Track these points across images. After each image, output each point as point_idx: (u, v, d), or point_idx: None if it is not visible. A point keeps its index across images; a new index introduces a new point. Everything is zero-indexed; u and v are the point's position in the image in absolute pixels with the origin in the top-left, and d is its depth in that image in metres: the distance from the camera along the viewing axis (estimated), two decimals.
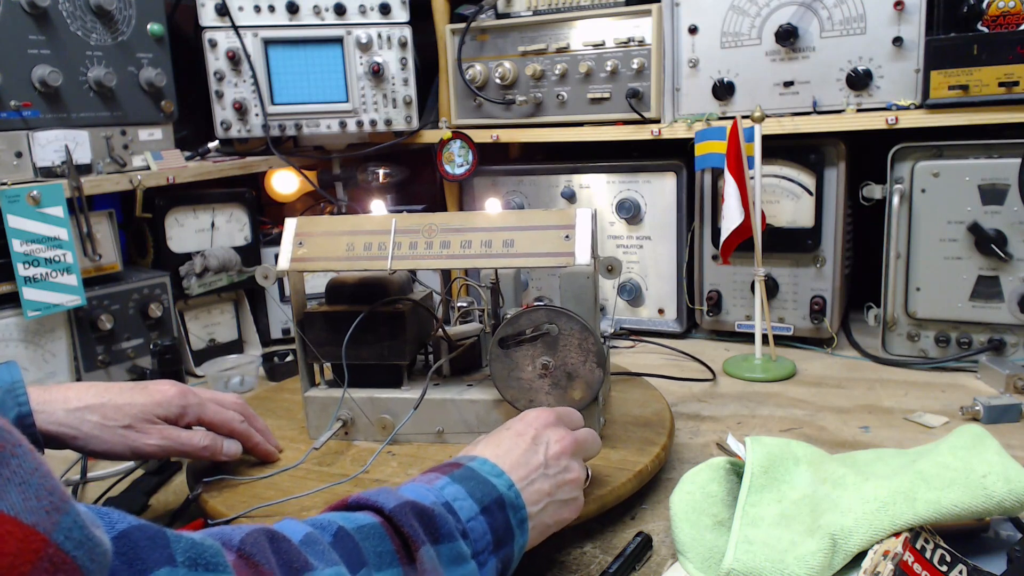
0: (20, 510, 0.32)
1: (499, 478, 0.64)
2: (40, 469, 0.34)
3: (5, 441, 0.33)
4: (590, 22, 1.38)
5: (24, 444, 0.34)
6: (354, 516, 0.56)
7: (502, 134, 1.49)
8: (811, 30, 1.23)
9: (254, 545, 0.47)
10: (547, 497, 0.67)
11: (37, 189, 1.08)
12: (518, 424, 0.72)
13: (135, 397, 0.78)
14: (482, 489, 0.62)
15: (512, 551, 0.62)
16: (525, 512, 0.64)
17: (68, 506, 0.34)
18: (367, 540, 0.54)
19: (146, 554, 0.40)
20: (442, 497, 0.60)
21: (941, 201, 1.17)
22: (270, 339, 1.49)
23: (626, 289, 1.45)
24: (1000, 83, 1.09)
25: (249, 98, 1.45)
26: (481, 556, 0.59)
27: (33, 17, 1.16)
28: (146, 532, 0.41)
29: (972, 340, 1.19)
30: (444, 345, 0.97)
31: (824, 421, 1.04)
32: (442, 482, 0.62)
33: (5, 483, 0.32)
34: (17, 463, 0.33)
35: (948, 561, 0.62)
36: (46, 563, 0.32)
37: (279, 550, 0.49)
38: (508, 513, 0.62)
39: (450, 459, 0.68)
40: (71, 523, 0.34)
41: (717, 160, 1.20)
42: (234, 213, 1.42)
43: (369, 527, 0.55)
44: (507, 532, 0.62)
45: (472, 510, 0.60)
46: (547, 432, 0.71)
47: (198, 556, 0.42)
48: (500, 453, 0.67)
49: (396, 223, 0.88)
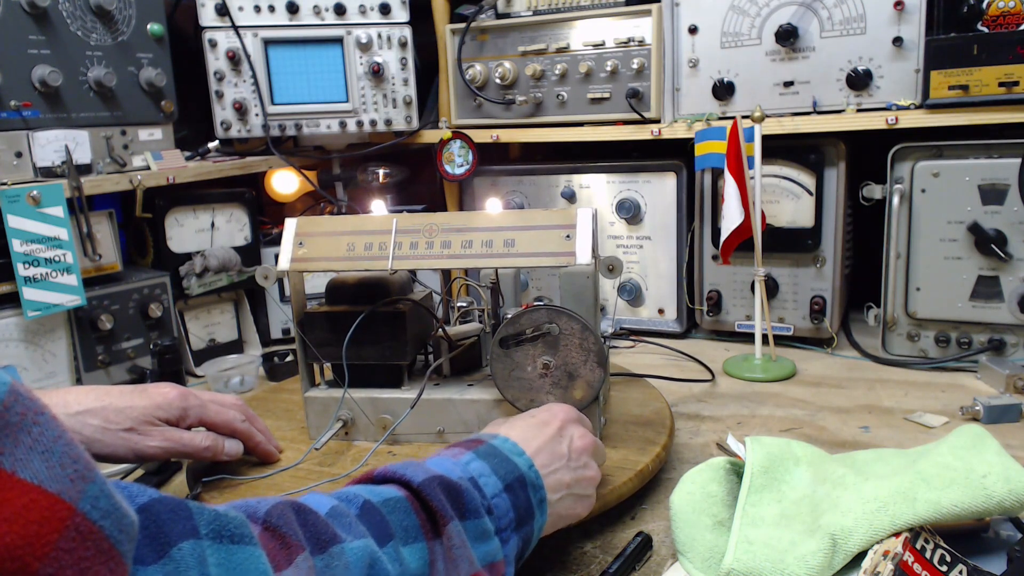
0: (44, 478, 0.31)
1: (520, 457, 0.64)
2: (63, 437, 0.32)
3: (27, 408, 0.32)
4: (590, 22, 1.38)
5: (47, 412, 0.32)
6: (380, 489, 0.55)
7: (502, 134, 1.49)
8: (811, 30, 1.23)
9: (280, 517, 0.47)
10: (566, 488, 0.67)
11: (37, 189, 1.08)
12: (543, 414, 0.73)
13: (136, 400, 0.78)
14: (505, 467, 0.62)
15: (532, 530, 0.63)
16: (545, 492, 0.64)
17: (94, 474, 0.33)
18: (393, 514, 0.53)
19: (169, 527, 0.39)
20: (468, 472, 0.60)
21: (941, 201, 1.17)
22: (270, 339, 1.49)
23: (626, 289, 1.45)
24: (1000, 83, 1.09)
25: (249, 98, 1.45)
26: (504, 533, 0.59)
27: (33, 17, 1.16)
28: (168, 505, 0.40)
29: (972, 340, 1.19)
30: (444, 345, 0.97)
31: (824, 421, 1.04)
32: (467, 457, 0.62)
33: (28, 451, 0.31)
34: (39, 431, 0.32)
35: (948, 561, 0.62)
36: (72, 532, 0.31)
37: (306, 522, 0.48)
38: (529, 492, 0.62)
39: (471, 436, 0.68)
40: (97, 492, 0.33)
41: (717, 160, 1.20)
42: (234, 213, 1.42)
43: (395, 500, 0.54)
44: (528, 511, 0.62)
45: (496, 487, 0.60)
46: (571, 427, 0.72)
47: (222, 528, 0.41)
48: (524, 437, 0.68)
49: (397, 223, 0.88)
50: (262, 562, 0.42)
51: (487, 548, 0.57)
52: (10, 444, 0.30)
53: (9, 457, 0.30)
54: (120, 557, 0.33)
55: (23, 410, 0.31)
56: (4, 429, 0.30)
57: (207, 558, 0.39)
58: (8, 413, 0.31)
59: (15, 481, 0.30)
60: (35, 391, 0.70)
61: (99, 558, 0.32)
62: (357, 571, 0.48)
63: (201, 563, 0.39)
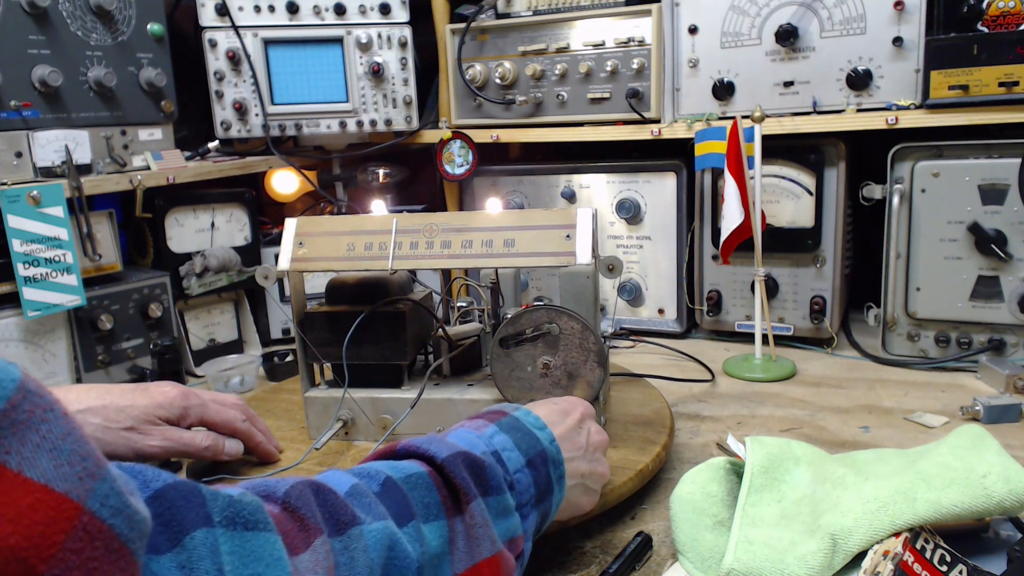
0: (51, 477, 0.30)
1: (542, 431, 0.64)
2: (73, 434, 0.32)
3: (35, 405, 0.31)
4: (590, 22, 1.38)
5: (57, 407, 0.32)
6: (402, 465, 0.55)
7: (502, 134, 1.49)
8: (811, 30, 1.23)
9: (299, 498, 0.46)
10: (580, 478, 0.68)
11: (37, 189, 1.08)
12: (563, 403, 0.74)
13: (136, 399, 0.78)
14: (527, 441, 0.62)
15: (550, 506, 0.63)
16: (564, 468, 0.64)
17: (104, 472, 0.32)
18: (414, 491, 0.53)
19: (182, 514, 0.39)
20: (492, 446, 0.60)
21: (941, 201, 1.17)
22: (270, 339, 1.49)
23: (626, 289, 1.45)
24: (1000, 83, 1.09)
25: (249, 98, 1.45)
26: (524, 509, 0.59)
27: (33, 17, 1.15)
28: (182, 491, 0.40)
29: (972, 340, 1.19)
30: (444, 345, 0.97)
31: (824, 421, 1.04)
32: (491, 430, 0.62)
33: (35, 449, 0.30)
34: (47, 428, 0.31)
35: (948, 561, 0.62)
36: (80, 532, 0.30)
37: (324, 503, 0.47)
38: (549, 468, 0.63)
39: (493, 407, 0.68)
40: (107, 490, 0.32)
41: (717, 160, 1.20)
42: (234, 213, 1.42)
43: (416, 477, 0.54)
44: (548, 487, 0.62)
45: (519, 462, 0.60)
46: (589, 421, 0.73)
47: (236, 514, 0.41)
48: (548, 417, 0.68)
49: (397, 223, 0.88)
50: (277, 547, 0.41)
51: (508, 524, 0.57)
52: (16, 443, 0.30)
53: (16, 456, 0.30)
54: (131, 555, 0.33)
55: (31, 407, 0.31)
56: (11, 427, 0.30)
57: (220, 546, 0.39)
58: (15, 411, 0.30)
59: (21, 480, 0.30)
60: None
61: (108, 557, 0.31)
62: (376, 553, 0.47)
63: (214, 552, 0.38)
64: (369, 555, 0.47)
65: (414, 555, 0.50)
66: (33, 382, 0.32)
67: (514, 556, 0.57)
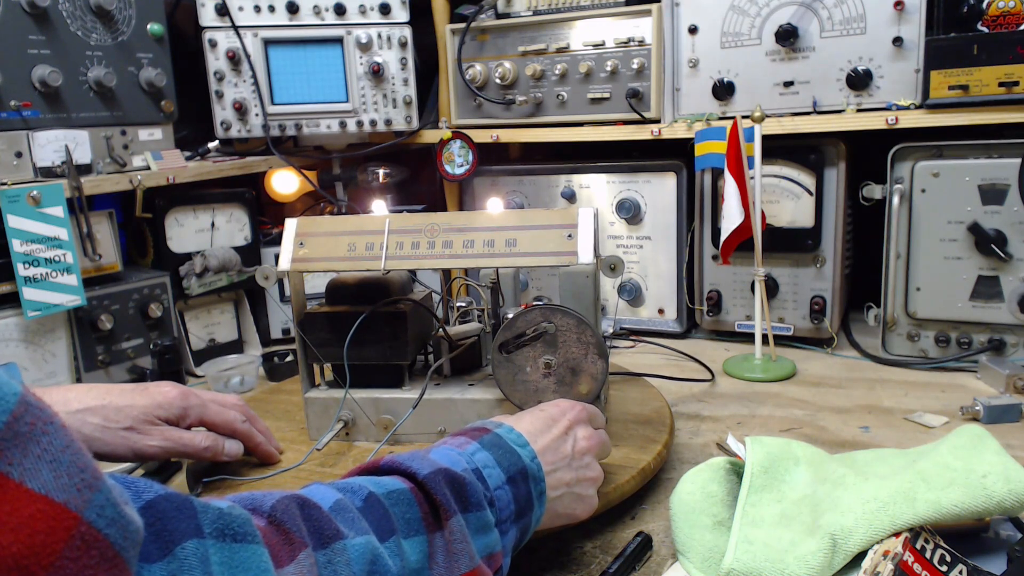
0: (51, 488, 0.31)
1: (524, 448, 0.65)
2: (72, 446, 0.33)
3: (36, 418, 0.32)
4: (590, 22, 1.38)
5: (56, 420, 0.33)
6: (384, 481, 0.56)
7: (502, 134, 1.49)
8: (811, 30, 1.23)
9: (285, 512, 0.47)
10: (566, 487, 0.68)
11: (37, 189, 1.08)
12: (552, 409, 0.74)
13: (136, 399, 0.78)
14: (508, 459, 0.63)
15: (530, 521, 0.64)
16: (545, 485, 0.65)
17: (100, 483, 0.34)
18: (396, 506, 0.54)
19: (174, 525, 0.40)
20: (473, 463, 0.61)
21: (941, 201, 1.17)
22: (270, 339, 1.49)
23: (626, 289, 1.46)
24: (1000, 83, 1.09)
25: (249, 98, 1.45)
26: (503, 525, 0.60)
27: (33, 17, 1.15)
28: (173, 502, 0.41)
29: (972, 340, 1.19)
30: (444, 345, 0.97)
31: (824, 421, 1.04)
32: (472, 447, 0.63)
33: (36, 461, 0.31)
34: (48, 440, 0.32)
35: (948, 561, 0.62)
36: (78, 541, 0.32)
37: (309, 517, 0.48)
38: (530, 485, 0.63)
39: (475, 424, 0.68)
40: (103, 500, 0.33)
41: (717, 160, 1.20)
42: (234, 213, 1.42)
43: (398, 493, 0.55)
44: (528, 503, 0.63)
45: (499, 479, 0.61)
46: (578, 428, 0.73)
47: (226, 527, 0.42)
48: (532, 430, 0.68)
49: (391, 223, 0.88)
50: (264, 559, 0.42)
51: (487, 540, 0.58)
52: (19, 455, 0.31)
53: (18, 467, 0.31)
54: (124, 564, 0.34)
55: (33, 420, 0.32)
56: (13, 440, 0.31)
57: (210, 557, 0.40)
58: (18, 423, 0.31)
59: (23, 491, 0.31)
60: (36, 389, 0.70)
61: (103, 566, 0.33)
62: (358, 567, 0.48)
63: (204, 562, 0.39)
64: (352, 569, 0.48)
65: (395, 569, 0.51)
66: (33, 396, 0.33)
67: (492, 571, 0.58)
